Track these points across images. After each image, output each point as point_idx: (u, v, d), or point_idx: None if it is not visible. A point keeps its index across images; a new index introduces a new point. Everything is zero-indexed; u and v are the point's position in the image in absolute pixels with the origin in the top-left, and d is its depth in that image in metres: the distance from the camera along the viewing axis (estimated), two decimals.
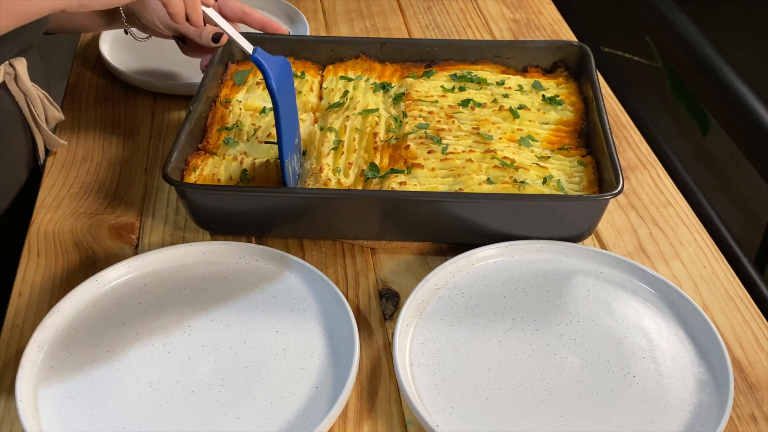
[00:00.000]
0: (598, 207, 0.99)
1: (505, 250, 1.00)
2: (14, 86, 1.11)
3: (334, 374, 0.86)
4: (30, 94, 1.12)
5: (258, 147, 1.09)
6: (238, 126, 1.13)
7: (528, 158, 1.07)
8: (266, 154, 1.08)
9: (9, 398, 0.86)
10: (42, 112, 1.15)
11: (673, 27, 1.82)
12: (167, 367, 0.87)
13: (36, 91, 1.13)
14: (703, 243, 1.07)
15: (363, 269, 1.02)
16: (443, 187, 1.02)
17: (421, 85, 1.19)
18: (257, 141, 1.10)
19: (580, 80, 1.20)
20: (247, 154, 1.08)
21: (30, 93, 1.12)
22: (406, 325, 0.90)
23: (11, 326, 0.94)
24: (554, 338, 0.90)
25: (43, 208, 1.10)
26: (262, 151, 1.09)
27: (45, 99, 1.15)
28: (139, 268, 0.97)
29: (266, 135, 1.11)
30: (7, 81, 1.10)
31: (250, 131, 1.12)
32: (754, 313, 0.97)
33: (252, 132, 1.12)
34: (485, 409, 0.83)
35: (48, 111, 1.16)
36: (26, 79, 1.11)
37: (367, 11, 1.58)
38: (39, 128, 1.15)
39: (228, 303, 0.94)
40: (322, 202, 1.00)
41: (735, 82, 1.60)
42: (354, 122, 1.12)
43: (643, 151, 1.23)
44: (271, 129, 1.11)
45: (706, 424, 0.81)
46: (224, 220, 1.02)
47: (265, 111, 1.15)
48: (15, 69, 1.10)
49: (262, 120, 1.14)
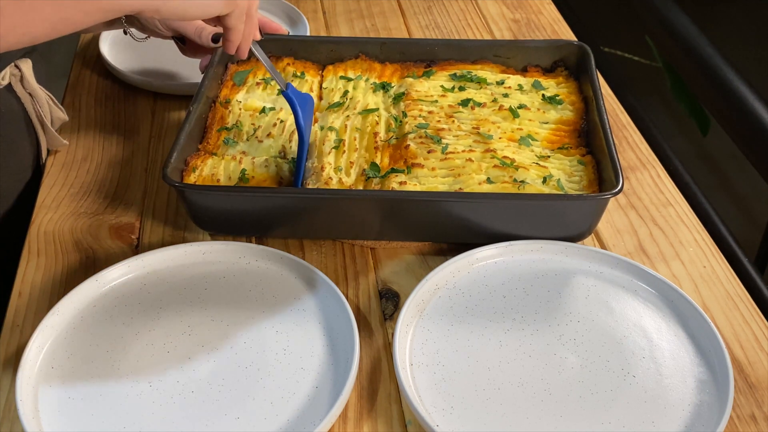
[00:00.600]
0: (598, 206, 0.99)
1: (505, 250, 1.00)
2: (20, 87, 1.11)
3: (334, 374, 0.86)
4: (36, 95, 1.12)
5: (258, 147, 1.09)
6: (238, 126, 1.13)
7: (528, 158, 1.07)
8: (266, 153, 1.08)
9: (9, 398, 0.86)
10: (48, 113, 1.15)
11: (673, 27, 1.82)
12: (167, 367, 0.87)
13: (42, 92, 1.13)
14: (703, 243, 1.07)
15: (363, 269, 1.02)
16: (443, 186, 1.02)
17: (421, 84, 1.19)
18: (257, 141, 1.10)
19: (580, 79, 1.20)
20: (246, 153, 1.08)
21: (36, 94, 1.12)
22: (406, 325, 0.90)
23: (11, 326, 0.94)
24: (554, 338, 0.90)
25: (43, 208, 1.10)
26: (261, 151, 1.09)
27: (50, 100, 1.15)
28: (139, 268, 0.97)
29: (266, 135, 1.11)
30: (12, 82, 1.10)
31: (249, 131, 1.12)
32: (754, 313, 0.97)
33: (252, 132, 1.12)
34: (485, 409, 0.83)
35: (53, 112, 1.16)
36: (32, 80, 1.11)
37: (367, 11, 1.58)
38: (45, 129, 1.15)
39: (228, 303, 0.94)
40: (322, 202, 1.00)
41: (735, 82, 1.60)
42: (354, 122, 1.12)
43: (643, 151, 1.23)
44: (270, 129, 1.12)
45: (706, 424, 0.81)
46: (224, 221, 1.02)
47: (265, 111, 1.15)
48: (21, 70, 1.10)
49: (261, 120, 1.14)
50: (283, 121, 1.12)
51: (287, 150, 1.09)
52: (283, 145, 1.09)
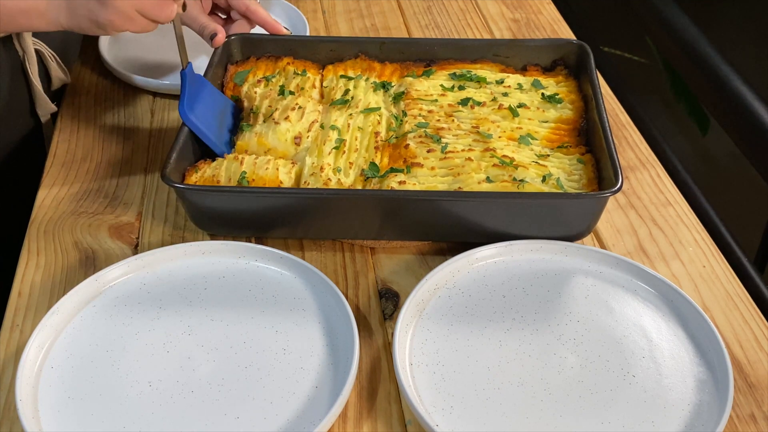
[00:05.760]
0: (597, 204, 0.99)
1: (505, 249, 1.00)
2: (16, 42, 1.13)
3: (334, 374, 0.86)
4: (28, 52, 1.14)
5: (274, 128, 1.08)
6: (254, 110, 1.13)
7: (527, 157, 1.07)
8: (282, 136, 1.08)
9: (9, 398, 0.86)
10: (36, 71, 1.16)
11: (673, 27, 1.82)
12: (167, 366, 0.87)
13: (42, 48, 1.14)
14: (703, 243, 1.07)
15: (363, 269, 1.02)
16: (443, 186, 1.02)
17: (420, 84, 1.19)
18: (273, 122, 1.09)
19: (580, 78, 1.20)
20: (260, 134, 1.08)
21: (29, 52, 1.14)
22: (405, 325, 0.90)
23: (11, 326, 0.94)
24: (554, 338, 0.90)
25: (43, 208, 1.10)
26: (277, 133, 1.08)
27: (51, 58, 1.16)
28: (138, 267, 0.97)
29: (283, 117, 1.10)
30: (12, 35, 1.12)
31: (267, 113, 1.12)
32: (753, 312, 0.97)
33: (269, 114, 1.11)
34: (485, 409, 0.83)
35: (52, 70, 1.17)
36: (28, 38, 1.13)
37: (367, 11, 1.58)
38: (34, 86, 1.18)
39: (228, 303, 0.94)
40: (322, 201, 1.00)
41: (735, 82, 1.60)
42: (356, 121, 1.12)
43: (643, 150, 1.23)
44: (288, 112, 1.11)
45: (705, 423, 0.81)
46: (223, 221, 1.02)
47: (284, 93, 1.15)
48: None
49: (279, 103, 1.13)
50: (302, 107, 1.12)
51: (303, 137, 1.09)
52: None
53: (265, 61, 1.23)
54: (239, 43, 1.24)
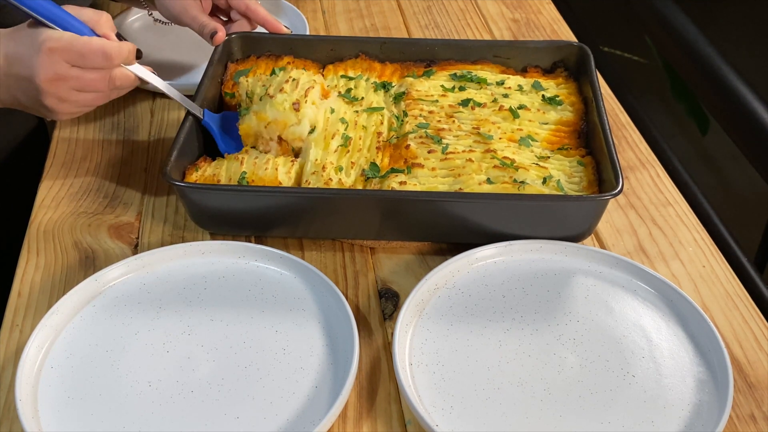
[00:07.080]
0: (597, 207, 0.99)
1: (505, 249, 1.00)
2: None
3: (334, 374, 0.86)
4: None
5: (271, 102, 1.08)
6: (248, 95, 1.14)
7: (528, 158, 1.07)
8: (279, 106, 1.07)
9: (8, 398, 0.86)
10: None
11: (673, 27, 1.82)
12: (167, 366, 0.87)
13: None
14: (703, 243, 1.07)
15: (362, 269, 1.02)
16: (443, 186, 1.02)
17: (421, 84, 1.19)
18: (269, 97, 1.08)
19: (580, 80, 1.20)
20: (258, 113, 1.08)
21: None
22: (405, 325, 0.90)
23: (10, 326, 0.94)
24: (554, 338, 0.90)
25: (43, 208, 1.10)
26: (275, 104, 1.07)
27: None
28: (138, 267, 0.97)
29: (278, 90, 1.09)
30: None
31: (261, 93, 1.11)
32: (753, 312, 0.97)
33: (263, 92, 1.11)
34: (485, 409, 0.83)
35: None
36: None
37: (367, 11, 1.58)
38: None
39: (228, 303, 0.94)
40: (322, 201, 1.00)
41: (735, 82, 1.60)
42: (361, 119, 1.12)
43: (643, 150, 1.23)
44: (283, 84, 1.10)
45: (705, 423, 0.81)
46: (223, 220, 1.02)
47: (275, 72, 1.15)
48: None
49: (272, 81, 1.13)
50: (296, 80, 1.11)
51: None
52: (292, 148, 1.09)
53: (265, 60, 1.23)
54: (240, 42, 1.24)
